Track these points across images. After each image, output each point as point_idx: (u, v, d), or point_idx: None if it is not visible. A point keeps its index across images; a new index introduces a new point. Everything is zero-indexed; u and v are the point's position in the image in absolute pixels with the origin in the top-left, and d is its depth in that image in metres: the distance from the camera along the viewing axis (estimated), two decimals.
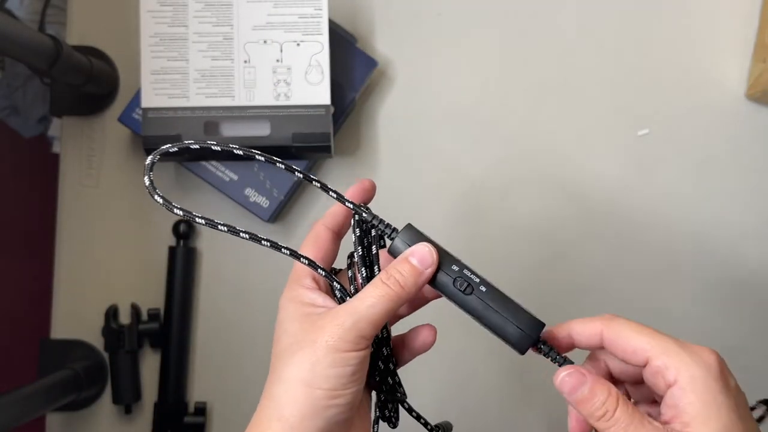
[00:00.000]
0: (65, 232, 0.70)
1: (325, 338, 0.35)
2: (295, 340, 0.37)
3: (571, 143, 0.69)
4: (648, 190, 0.69)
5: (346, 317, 0.36)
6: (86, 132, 0.70)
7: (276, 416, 0.36)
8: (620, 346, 0.36)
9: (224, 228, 0.38)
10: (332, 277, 0.39)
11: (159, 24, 0.63)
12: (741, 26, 0.69)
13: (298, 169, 0.40)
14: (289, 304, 0.39)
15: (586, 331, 0.37)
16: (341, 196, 0.40)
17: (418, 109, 0.70)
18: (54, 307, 0.70)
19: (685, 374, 0.34)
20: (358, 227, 0.40)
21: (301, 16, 0.63)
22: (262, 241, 0.38)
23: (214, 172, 0.66)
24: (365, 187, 0.42)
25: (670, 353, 0.34)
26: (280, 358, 0.37)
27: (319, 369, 0.35)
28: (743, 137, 0.69)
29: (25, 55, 0.56)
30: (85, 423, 0.69)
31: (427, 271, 0.38)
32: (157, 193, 0.37)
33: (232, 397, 0.69)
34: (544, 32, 0.70)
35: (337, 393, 0.35)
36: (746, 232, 0.68)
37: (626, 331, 0.36)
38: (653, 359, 0.35)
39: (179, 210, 0.37)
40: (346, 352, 0.35)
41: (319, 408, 0.35)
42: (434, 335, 0.42)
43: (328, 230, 0.41)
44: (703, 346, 0.35)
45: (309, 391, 0.35)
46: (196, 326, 0.69)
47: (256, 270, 0.69)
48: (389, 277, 0.37)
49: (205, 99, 0.63)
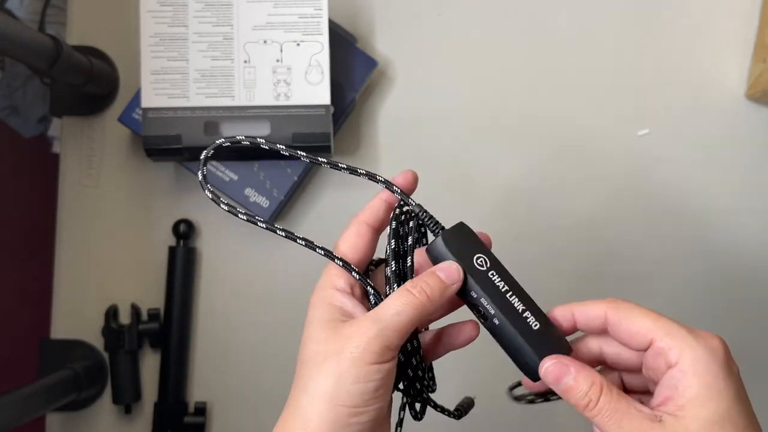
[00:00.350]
0: (65, 232, 0.70)
1: (350, 349, 0.35)
2: (321, 348, 0.36)
3: (572, 142, 0.69)
4: (648, 190, 0.69)
5: (371, 326, 0.35)
6: (86, 132, 0.70)
7: (301, 427, 0.35)
8: (624, 327, 0.36)
9: (282, 233, 0.40)
10: (367, 281, 0.39)
11: (159, 24, 0.63)
12: (741, 26, 0.69)
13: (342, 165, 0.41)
14: (319, 305, 0.38)
15: (590, 313, 0.37)
16: (389, 184, 0.40)
17: (418, 109, 0.70)
18: (54, 307, 0.70)
19: (687, 356, 0.33)
20: (396, 220, 0.39)
21: (301, 16, 0.63)
22: (297, 239, 0.39)
23: (214, 172, 0.66)
24: (408, 178, 0.42)
25: (674, 334, 0.34)
26: (306, 365, 0.37)
27: (342, 384, 0.35)
28: (743, 137, 0.69)
29: (25, 55, 0.56)
30: (85, 423, 0.69)
31: (453, 286, 0.37)
32: (208, 188, 0.39)
33: (232, 397, 0.69)
34: (544, 32, 0.70)
35: (359, 410, 0.35)
36: (747, 231, 0.68)
37: (631, 313, 0.36)
38: (657, 340, 0.35)
39: (225, 206, 0.39)
40: (371, 364, 0.35)
41: (343, 424, 0.35)
42: (478, 331, 0.41)
43: (369, 227, 0.41)
44: (708, 332, 0.35)
45: (332, 406, 0.35)
46: (196, 326, 0.69)
47: (256, 270, 0.69)
48: (415, 285, 0.37)
49: (205, 99, 0.63)
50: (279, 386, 0.48)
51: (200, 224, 0.70)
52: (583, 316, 0.38)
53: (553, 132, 0.69)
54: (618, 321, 0.36)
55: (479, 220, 0.69)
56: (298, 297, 0.69)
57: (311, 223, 0.69)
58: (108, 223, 0.70)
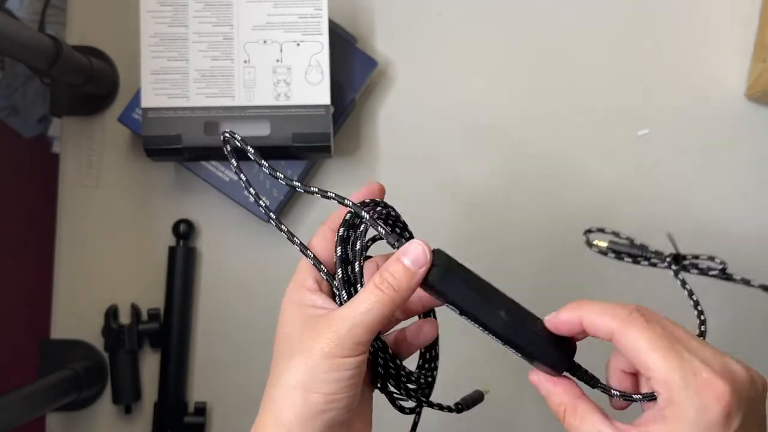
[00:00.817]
0: (65, 232, 0.70)
1: (321, 344, 0.35)
2: (293, 344, 0.37)
3: (571, 142, 0.69)
4: (648, 190, 0.69)
5: (342, 323, 0.36)
6: (86, 132, 0.70)
7: (273, 420, 0.36)
8: (630, 356, 0.35)
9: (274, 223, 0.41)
10: (333, 279, 0.39)
11: (159, 24, 0.63)
12: (741, 26, 0.69)
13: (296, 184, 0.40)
14: (290, 306, 0.39)
15: (599, 327, 0.36)
16: (340, 198, 0.39)
17: (418, 109, 0.70)
18: (54, 307, 0.70)
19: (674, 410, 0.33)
20: (344, 226, 0.39)
21: (301, 16, 0.63)
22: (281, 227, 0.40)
23: (214, 172, 0.66)
24: (372, 189, 0.42)
25: (670, 384, 0.33)
26: (278, 361, 0.37)
27: (316, 374, 0.35)
28: (743, 137, 0.69)
29: (25, 55, 0.56)
30: (85, 423, 0.69)
31: (420, 271, 0.37)
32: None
33: (232, 397, 0.69)
34: (545, 32, 0.70)
35: (334, 397, 0.35)
36: (746, 231, 0.68)
37: (638, 344, 0.34)
38: (653, 381, 0.34)
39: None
40: (343, 357, 0.35)
41: (317, 412, 0.35)
42: (436, 329, 0.42)
43: (333, 232, 0.40)
44: (718, 380, 0.33)
45: (306, 395, 0.35)
46: (195, 326, 0.69)
47: (256, 270, 0.69)
48: (383, 281, 0.36)
49: (205, 99, 0.63)
50: None
51: (200, 224, 0.70)
52: (593, 329, 0.36)
53: (553, 132, 0.69)
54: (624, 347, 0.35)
55: (479, 219, 0.70)
56: None
57: (311, 224, 0.69)
58: (108, 223, 0.70)
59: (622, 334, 0.35)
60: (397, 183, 0.70)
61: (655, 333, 0.34)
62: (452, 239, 0.68)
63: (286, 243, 0.40)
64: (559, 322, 0.37)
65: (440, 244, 0.39)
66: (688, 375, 0.33)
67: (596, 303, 0.37)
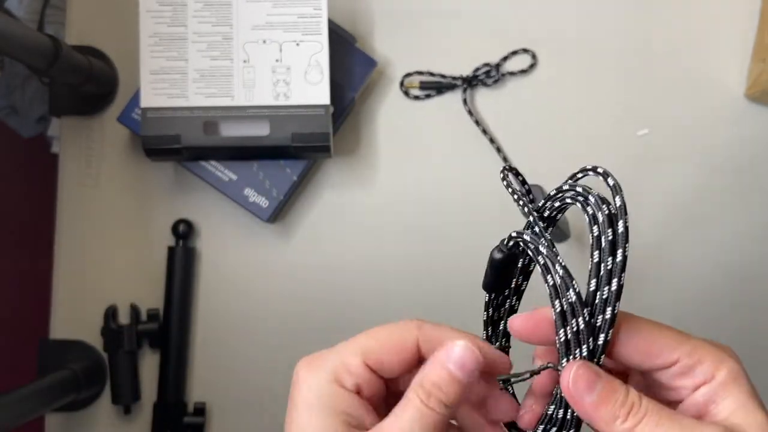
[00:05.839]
0: (64, 232, 0.70)
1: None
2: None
3: (571, 142, 0.69)
4: (647, 190, 0.69)
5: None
6: (85, 132, 0.70)
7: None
8: (640, 346, 0.32)
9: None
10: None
11: (158, 24, 0.62)
12: (741, 26, 0.69)
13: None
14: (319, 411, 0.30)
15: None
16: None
17: (418, 109, 0.70)
18: (53, 307, 0.69)
19: (723, 369, 0.31)
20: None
21: (301, 16, 0.63)
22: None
23: (214, 171, 0.65)
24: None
25: (702, 349, 0.31)
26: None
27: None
28: (743, 137, 0.69)
29: (24, 54, 0.56)
30: (84, 423, 0.69)
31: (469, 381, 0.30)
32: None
33: (232, 397, 0.69)
34: (544, 33, 0.70)
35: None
36: (746, 231, 0.68)
37: (647, 330, 0.32)
38: (684, 356, 0.31)
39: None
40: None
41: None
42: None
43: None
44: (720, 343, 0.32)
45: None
46: (195, 326, 0.69)
47: (256, 270, 0.69)
48: (429, 395, 0.30)
49: (204, 99, 0.62)
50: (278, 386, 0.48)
51: (199, 224, 0.70)
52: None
53: (553, 131, 0.69)
54: (631, 339, 0.32)
55: (480, 222, 0.70)
56: (298, 297, 0.69)
57: (311, 224, 0.69)
58: (107, 223, 0.70)
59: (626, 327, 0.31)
60: (397, 183, 0.70)
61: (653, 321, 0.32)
62: (452, 239, 0.68)
63: (285, 243, 0.40)
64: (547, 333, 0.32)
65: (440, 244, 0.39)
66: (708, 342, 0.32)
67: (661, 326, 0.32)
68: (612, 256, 0.30)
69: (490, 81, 0.69)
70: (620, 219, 0.30)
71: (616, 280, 0.30)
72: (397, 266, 0.69)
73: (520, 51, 0.69)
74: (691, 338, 0.32)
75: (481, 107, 0.70)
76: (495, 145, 0.68)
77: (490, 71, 0.69)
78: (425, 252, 0.69)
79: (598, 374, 0.30)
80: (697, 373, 0.31)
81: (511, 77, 0.70)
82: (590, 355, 0.30)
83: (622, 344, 0.32)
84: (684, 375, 0.31)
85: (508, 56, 0.69)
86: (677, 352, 0.31)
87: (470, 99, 0.69)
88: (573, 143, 0.69)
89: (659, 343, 0.32)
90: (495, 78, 0.68)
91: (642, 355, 0.32)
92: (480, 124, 0.69)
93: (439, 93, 0.69)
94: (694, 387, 0.31)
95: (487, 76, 0.69)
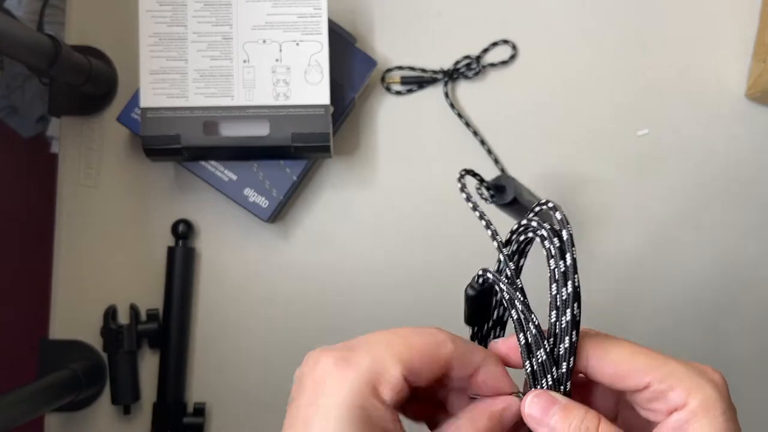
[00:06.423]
0: (64, 232, 0.70)
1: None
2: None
3: (571, 142, 0.69)
4: (647, 190, 0.69)
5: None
6: (85, 132, 0.70)
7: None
8: (610, 368, 0.31)
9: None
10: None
11: (158, 24, 0.62)
12: (741, 26, 0.69)
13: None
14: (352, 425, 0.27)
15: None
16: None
17: (418, 109, 0.70)
18: (53, 307, 0.69)
19: (696, 396, 0.30)
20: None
21: (301, 16, 0.63)
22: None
23: (214, 171, 0.65)
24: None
25: (676, 374, 0.30)
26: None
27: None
28: (743, 137, 0.69)
29: (23, 54, 0.56)
30: (84, 423, 0.69)
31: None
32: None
33: (231, 398, 0.69)
34: (544, 32, 0.70)
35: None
36: (745, 231, 0.68)
37: (615, 353, 0.31)
38: (656, 382, 0.30)
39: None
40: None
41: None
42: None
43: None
44: (705, 365, 0.31)
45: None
46: (195, 326, 0.69)
47: (256, 270, 0.69)
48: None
49: (204, 99, 0.62)
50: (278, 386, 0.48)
51: (199, 224, 0.70)
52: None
53: (552, 131, 0.69)
54: (600, 361, 0.31)
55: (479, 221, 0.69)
56: (298, 297, 0.69)
57: (310, 223, 0.69)
58: (107, 223, 0.70)
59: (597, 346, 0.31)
60: (397, 183, 0.70)
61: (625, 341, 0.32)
62: (452, 239, 0.68)
63: (285, 243, 0.40)
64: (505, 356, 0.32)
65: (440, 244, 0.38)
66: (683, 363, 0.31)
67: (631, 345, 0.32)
68: (564, 287, 0.31)
69: (471, 73, 0.69)
70: (567, 252, 0.31)
71: (569, 310, 0.31)
72: (397, 266, 0.69)
73: (500, 42, 0.69)
74: (670, 362, 0.31)
75: (463, 100, 0.70)
76: (478, 137, 0.68)
77: (471, 63, 0.69)
78: (425, 252, 0.68)
79: (554, 401, 0.30)
80: (670, 398, 0.30)
81: (491, 68, 0.69)
82: (555, 383, 0.31)
83: (591, 366, 0.32)
84: (656, 400, 0.31)
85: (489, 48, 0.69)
86: (648, 377, 0.31)
87: (452, 92, 0.69)
88: (572, 143, 0.69)
89: (626, 367, 0.31)
90: (476, 70, 0.68)
91: (611, 378, 0.32)
92: (462, 117, 0.68)
93: (420, 87, 0.69)
94: (668, 412, 0.31)
95: (467, 69, 0.69)
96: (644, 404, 0.32)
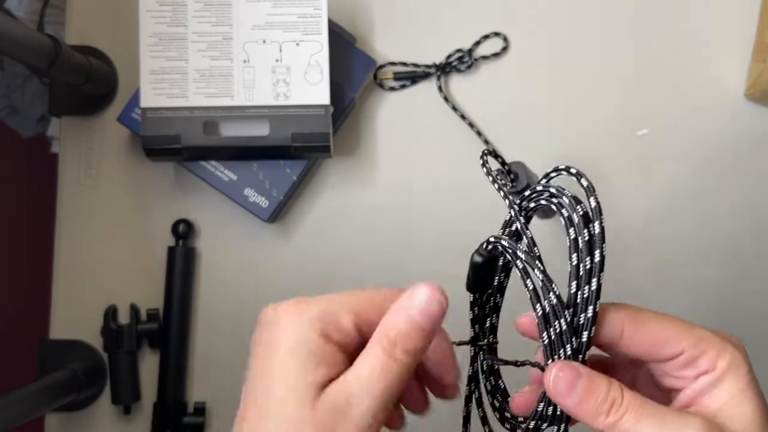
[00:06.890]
0: (64, 232, 0.70)
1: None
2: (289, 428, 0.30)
3: (571, 142, 0.69)
4: (647, 190, 0.69)
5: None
6: (85, 132, 0.70)
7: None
8: (645, 339, 0.32)
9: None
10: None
11: (158, 24, 0.62)
12: (741, 26, 0.69)
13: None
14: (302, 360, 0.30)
15: (608, 324, 0.32)
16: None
17: (418, 109, 0.70)
18: (53, 307, 0.69)
19: (725, 358, 0.31)
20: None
21: (301, 16, 0.63)
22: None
23: (214, 171, 0.65)
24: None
25: (707, 339, 0.32)
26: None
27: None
28: (743, 137, 0.69)
29: (23, 54, 0.56)
30: (84, 423, 0.69)
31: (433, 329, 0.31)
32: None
33: (232, 397, 0.68)
34: (544, 32, 0.70)
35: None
36: (745, 232, 0.68)
37: (652, 322, 0.32)
38: (689, 347, 0.32)
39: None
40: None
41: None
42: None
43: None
44: (728, 333, 0.33)
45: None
46: (195, 326, 0.69)
47: (256, 270, 0.69)
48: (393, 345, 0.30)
49: (204, 99, 0.62)
50: None
51: (199, 224, 0.70)
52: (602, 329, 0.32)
53: (552, 132, 0.69)
54: (637, 331, 0.32)
55: (479, 221, 0.69)
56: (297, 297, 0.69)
57: (311, 224, 0.69)
58: (107, 223, 0.70)
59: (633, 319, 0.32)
60: (397, 183, 0.70)
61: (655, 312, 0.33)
62: (452, 239, 0.68)
63: (285, 243, 0.40)
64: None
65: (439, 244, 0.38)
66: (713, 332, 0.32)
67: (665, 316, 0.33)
68: (590, 257, 0.31)
69: (463, 67, 0.69)
70: (595, 220, 0.31)
71: (596, 279, 0.31)
72: (396, 266, 0.69)
73: (491, 35, 0.69)
74: (696, 328, 0.32)
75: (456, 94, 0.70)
76: (475, 129, 0.68)
77: (463, 57, 0.69)
78: (425, 251, 0.69)
79: (579, 373, 0.31)
80: (701, 363, 0.32)
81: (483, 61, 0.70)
82: (574, 353, 0.31)
83: (627, 337, 0.32)
84: (688, 365, 0.32)
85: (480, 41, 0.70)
86: (682, 344, 0.32)
87: (445, 86, 0.69)
88: (572, 143, 0.69)
89: (664, 334, 0.32)
90: (468, 63, 0.68)
91: (647, 347, 0.32)
92: (457, 111, 0.68)
93: (413, 83, 0.69)
94: (697, 377, 0.32)
95: (460, 62, 0.69)
96: (674, 371, 0.32)
